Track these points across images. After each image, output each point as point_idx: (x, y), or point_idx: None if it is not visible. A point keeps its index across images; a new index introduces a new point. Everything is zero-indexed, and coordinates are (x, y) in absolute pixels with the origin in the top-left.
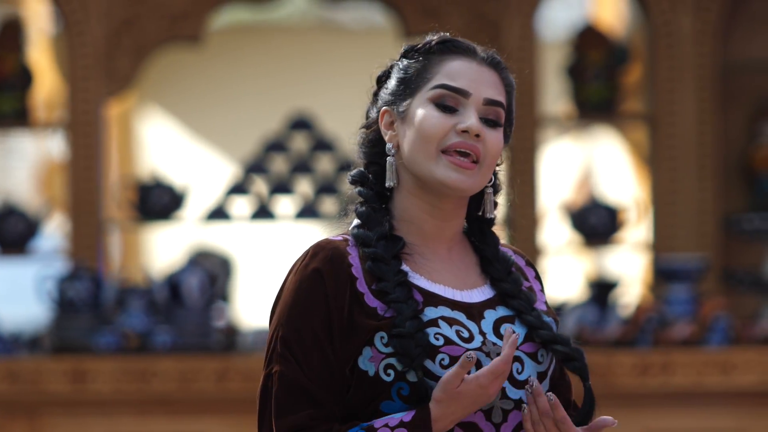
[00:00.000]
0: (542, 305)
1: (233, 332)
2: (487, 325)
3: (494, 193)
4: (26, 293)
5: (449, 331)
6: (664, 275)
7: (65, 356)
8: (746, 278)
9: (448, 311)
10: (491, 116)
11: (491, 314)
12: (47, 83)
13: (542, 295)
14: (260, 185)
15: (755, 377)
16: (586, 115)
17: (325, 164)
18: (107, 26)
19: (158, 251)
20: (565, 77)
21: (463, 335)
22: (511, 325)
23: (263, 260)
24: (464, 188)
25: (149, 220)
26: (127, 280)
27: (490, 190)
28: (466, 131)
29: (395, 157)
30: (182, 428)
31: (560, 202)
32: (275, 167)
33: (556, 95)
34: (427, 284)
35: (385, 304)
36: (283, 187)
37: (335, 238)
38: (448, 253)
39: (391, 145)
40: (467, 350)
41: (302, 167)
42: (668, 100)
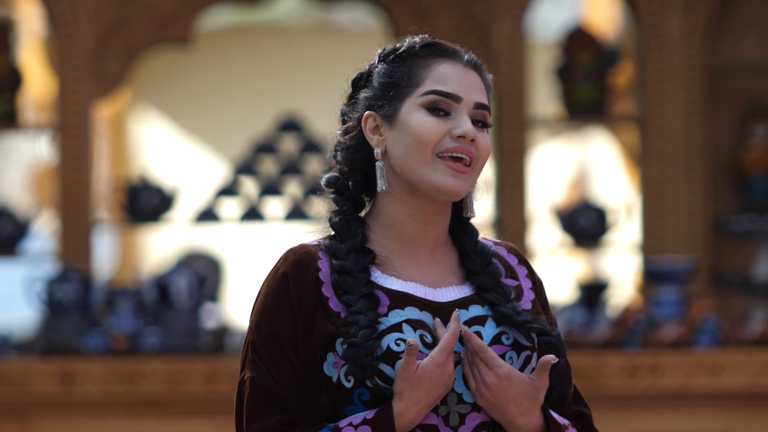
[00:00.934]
0: (528, 303)
1: (222, 334)
2: None
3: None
4: (15, 295)
5: (413, 335)
6: (653, 277)
7: (54, 358)
8: (735, 280)
9: (415, 313)
10: (480, 118)
11: (462, 315)
12: (38, 85)
13: (530, 293)
14: (249, 187)
15: (744, 379)
16: (575, 116)
17: (314, 166)
18: (96, 28)
19: (149, 252)
20: (554, 79)
21: (426, 340)
22: (480, 327)
23: (253, 262)
24: (459, 192)
25: (139, 221)
26: (116, 281)
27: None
28: (462, 136)
29: (383, 162)
30: (171, 430)
31: (550, 203)
32: (264, 169)
33: (545, 97)
34: (397, 284)
35: (348, 313)
36: (272, 188)
37: (310, 242)
38: (429, 255)
39: (379, 150)
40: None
41: (291, 169)
42: (657, 101)
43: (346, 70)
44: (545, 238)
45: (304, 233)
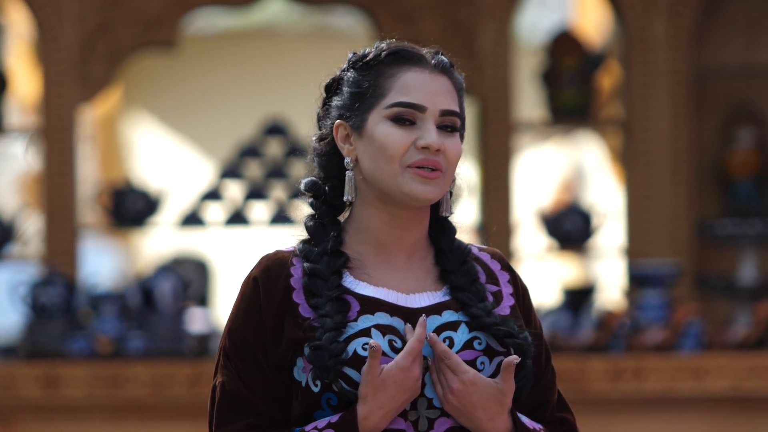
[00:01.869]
0: (506, 309)
1: (206, 338)
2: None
3: (450, 194)
4: None
5: (381, 340)
6: (637, 280)
7: (38, 362)
8: (719, 284)
9: (386, 318)
10: (448, 124)
11: (434, 320)
12: (25, 89)
13: (510, 299)
14: (235, 191)
15: (728, 383)
16: (560, 120)
17: (299, 170)
18: (81, 32)
19: (135, 256)
20: (539, 83)
21: (395, 345)
22: (452, 332)
23: (238, 266)
24: (431, 198)
25: (124, 225)
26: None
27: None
28: (426, 147)
29: (354, 171)
30: None
31: (536, 208)
32: (250, 173)
33: (531, 101)
34: (368, 289)
35: (315, 316)
36: (257, 192)
37: (287, 248)
38: (407, 260)
39: (349, 159)
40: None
41: (277, 173)
42: (642, 105)
43: (331, 74)
44: (530, 242)
45: (288, 237)
